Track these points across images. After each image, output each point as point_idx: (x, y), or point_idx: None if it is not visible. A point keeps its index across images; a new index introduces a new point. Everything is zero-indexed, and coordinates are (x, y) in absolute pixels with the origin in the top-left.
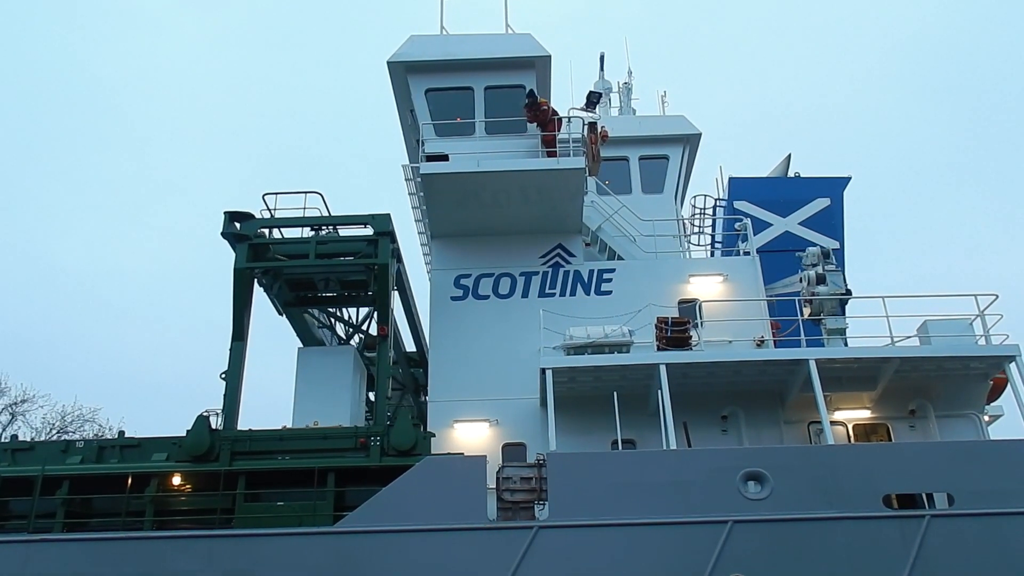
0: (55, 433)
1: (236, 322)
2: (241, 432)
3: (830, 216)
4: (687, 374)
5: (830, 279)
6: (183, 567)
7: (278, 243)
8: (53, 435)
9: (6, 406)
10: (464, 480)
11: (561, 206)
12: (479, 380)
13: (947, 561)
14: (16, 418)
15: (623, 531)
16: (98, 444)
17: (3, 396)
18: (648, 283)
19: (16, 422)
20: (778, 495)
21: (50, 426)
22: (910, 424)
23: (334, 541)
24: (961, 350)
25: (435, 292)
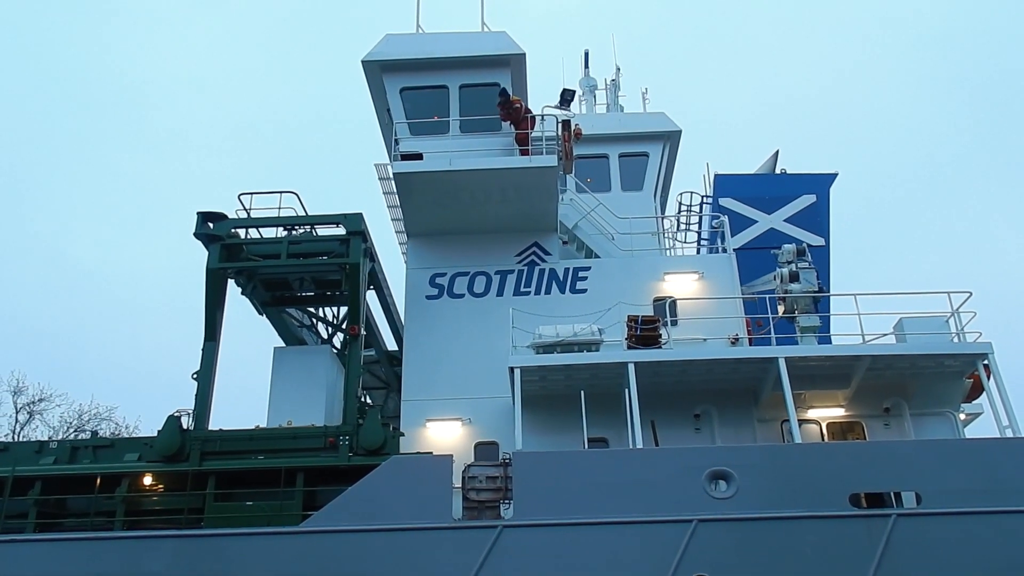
0: (72, 431)
1: (208, 322)
2: (212, 432)
3: (816, 213)
4: (659, 372)
5: (803, 276)
6: (152, 567)
7: (250, 243)
8: (71, 433)
9: (24, 405)
10: (430, 479)
11: (536, 204)
12: (453, 379)
13: (913, 560)
14: (34, 417)
15: (587, 530)
16: (71, 444)
17: (21, 395)
18: (623, 281)
19: (34, 421)
20: (744, 494)
21: (67, 424)
22: (885, 422)
23: (299, 541)
24: (932, 348)
25: (410, 291)
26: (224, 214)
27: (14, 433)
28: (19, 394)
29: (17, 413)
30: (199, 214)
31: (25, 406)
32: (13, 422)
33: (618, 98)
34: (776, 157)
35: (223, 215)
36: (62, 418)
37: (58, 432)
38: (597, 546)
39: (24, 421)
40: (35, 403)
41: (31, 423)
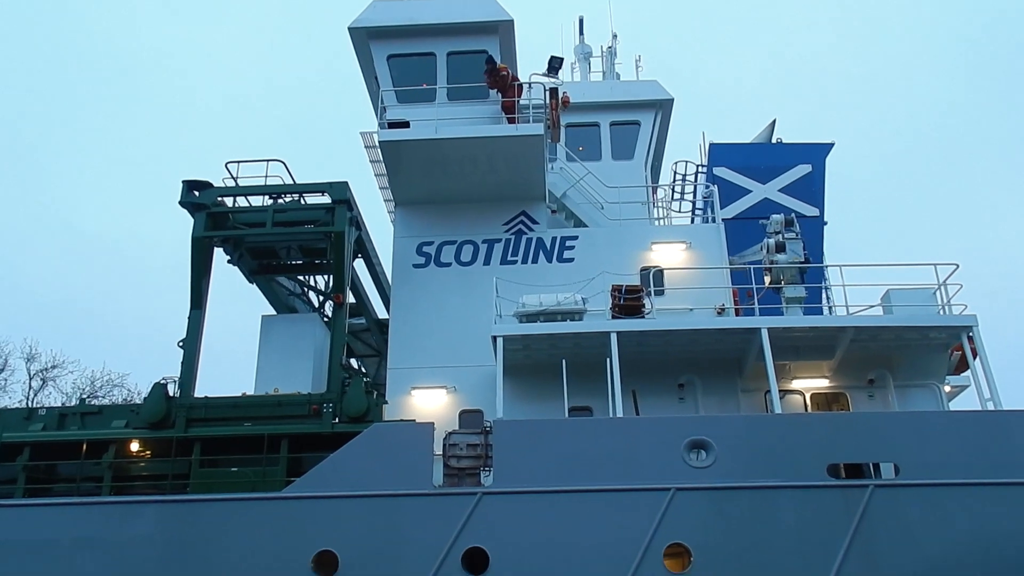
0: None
1: (194, 290)
2: (197, 400)
3: (811, 183)
4: (642, 342)
5: (790, 247)
6: (137, 531)
7: (235, 212)
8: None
9: (37, 372)
10: (411, 447)
11: (523, 173)
12: (439, 347)
13: (889, 530)
14: (47, 383)
15: (565, 498)
16: (59, 411)
17: (34, 362)
18: (611, 251)
19: (47, 387)
20: (722, 463)
21: (80, 391)
22: (869, 394)
23: (280, 506)
24: (916, 320)
25: (397, 259)
26: (209, 182)
27: (28, 399)
28: (32, 361)
29: (31, 380)
30: (184, 182)
31: (38, 373)
32: (27, 388)
33: (614, 66)
34: (773, 126)
35: (208, 183)
36: (75, 385)
37: (71, 398)
38: (575, 513)
39: (38, 388)
40: (48, 370)
41: (44, 389)
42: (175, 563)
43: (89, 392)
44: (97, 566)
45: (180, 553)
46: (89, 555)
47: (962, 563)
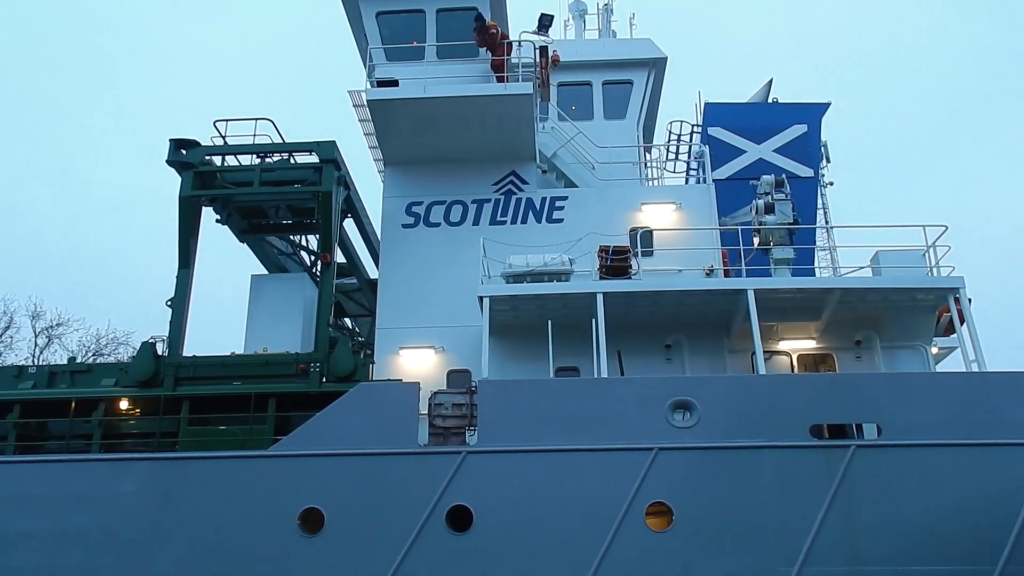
0: (90, 356)
1: (182, 250)
2: (185, 359)
3: (806, 143)
4: (630, 303)
5: (779, 208)
6: (125, 488)
7: (222, 171)
8: (89, 357)
9: (42, 329)
10: (397, 406)
11: (512, 132)
12: (427, 307)
13: (870, 491)
14: (52, 341)
15: (548, 457)
16: (49, 369)
17: (38, 320)
18: (600, 211)
19: (52, 345)
20: (705, 424)
21: (85, 349)
22: (856, 355)
23: (266, 464)
24: (901, 281)
25: (386, 220)
26: (197, 141)
27: (34, 357)
28: (37, 318)
29: (36, 337)
30: (171, 141)
31: (44, 330)
32: (33, 346)
33: (610, 23)
34: (770, 86)
35: (196, 142)
36: (80, 342)
37: (78, 355)
38: (558, 472)
39: (43, 345)
40: (53, 327)
41: (50, 347)
42: (163, 520)
43: (94, 350)
44: (87, 522)
45: (168, 510)
46: (79, 511)
47: (943, 523)
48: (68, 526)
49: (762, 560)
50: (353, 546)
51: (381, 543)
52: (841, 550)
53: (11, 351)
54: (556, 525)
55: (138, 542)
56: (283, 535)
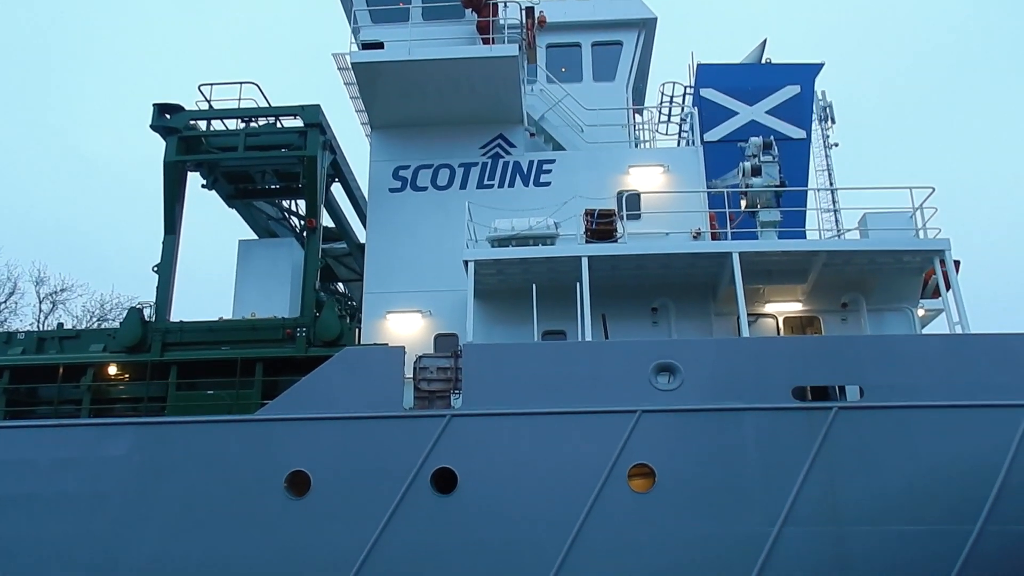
0: (95, 321)
1: (167, 216)
2: (172, 324)
3: (799, 105)
4: (615, 266)
5: (766, 171)
6: (113, 452)
7: (206, 135)
8: (93, 323)
9: (47, 295)
10: (382, 370)
11: (499, 95)
12: (414, 272)
13: (852, 452)
14: (57, 307)
15: (532, 420)
16: (38, 335)
17: (43, 285)
18: (588, 174)
19: (57, 310)
20: (689, 386)
21: (90, 314)
22: (842, 317)
23: (252, 428)
24: (887, 244)
25: (373, 184)
26: (181, 106)
27: (38, 323)
28: (41, 284)
29: (40, 303)
30: (155, 106)
31: (48, 296)
32: (37, 312)
33: None
34: (764, 47)
35: (180, 107)
36: (84, 308)
37: (81, 321)
38: (542, 435)
39: (48, 311)
40: (57, 293)
41: (54, 312)
42: (152, 483)
43: (99, 315)
44: (76, 486)
45: (156, 474)
46: (68, 475)
47: (923, 484)
48: (57, 490)
49: (744, 521)
50: (339, 509)
51: (367, 505)
52: (822, 511)
53: (16, 317)
54: (540, 487)
55: (127, 506)
56: (270, 498)
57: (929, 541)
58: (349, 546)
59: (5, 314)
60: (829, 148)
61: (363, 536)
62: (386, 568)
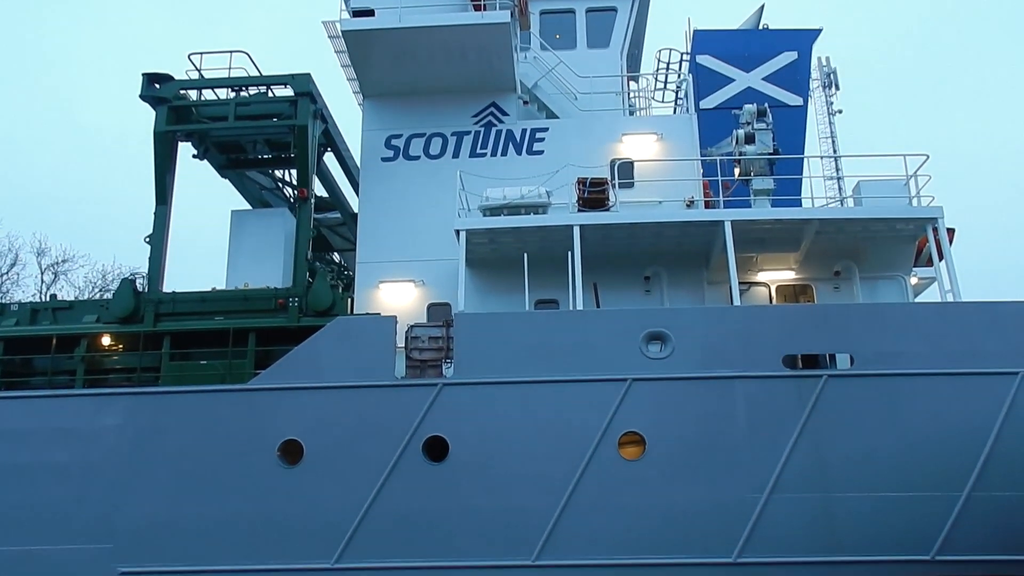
0: (97, 291)
1: (158, 186)
2: (165, 294)
3: (795, 71)
4: (608, 235)
5: (759, 138)
6: (107, 422)
7: (196, 105)
8: (95, 293)
9: (48, 266)
10: (373, 340)
11: (491, 62)
12: (407, 241)
13: (841, 419)
14: (59, 277)
15: (523, 388)
16: (31, 307)
17: (44, 256)
18: (581, 142)
19: (59, 281)
20: (679, 355)
21: (92, 284)
22: (835, 285)
23: (245, 398)
24: (879, 212)
25: (366, 153)
26: (170, 75)
27: (41, 293)
28: (43, 255)
29: (42, 274)
30: (144, 75)
31: (50, 267)
32: (39, 283)
33: None
34: (761, 12)
35: (169, 76)
36: (86, 278)
37: (84, 292)
38: (533, 404)
39: (50, 281)
40: (58, 264)
41: (56, 283)
42: (146, 453)
43: (101, 286)
44: (71, 455)
45: (150, 443)
46: (63, 445)
47: (912, 451)
48: (52, 460)
49: (733, 488)
50: (332, 476)
51: (359, 473)
52: (811, 478)
53: (18, 288)
54: (531, 455)
55: (121, 475)
56: (263, 467)
57: (916, 508)
58: (342, 514)
59: (7, 285)
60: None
61: (356, 504)
62: (378, 535)
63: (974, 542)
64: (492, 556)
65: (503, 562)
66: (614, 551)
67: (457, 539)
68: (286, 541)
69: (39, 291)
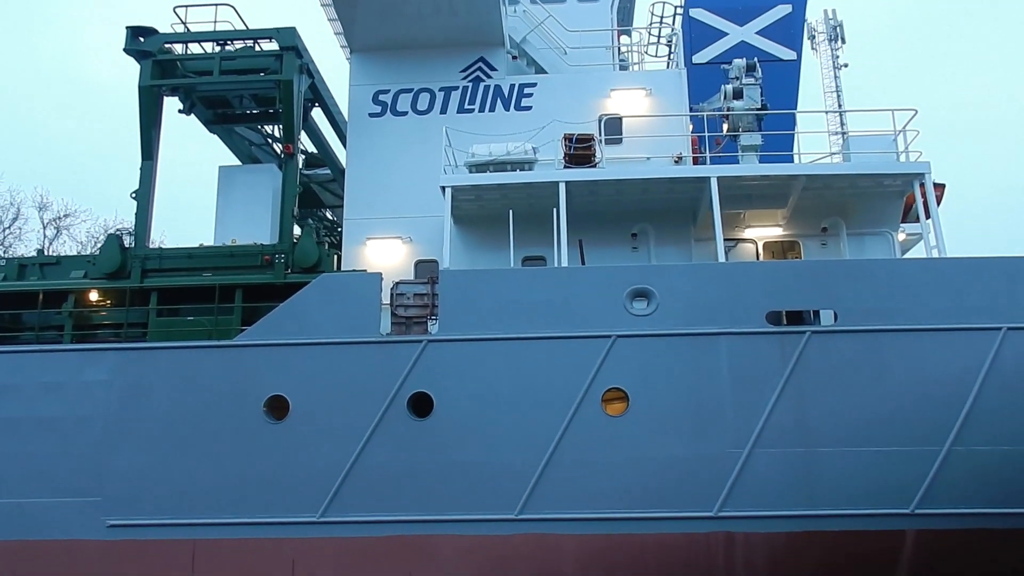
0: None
1: (144, 141)
2: (151, 250)
3: (790, 25)
4: (594, 192)
5: (747, 94)
6: (94, 377)
7: (182, 59)
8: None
9: (50, 220)
10: (358, 296)
11: (479, 15)
12: (395, 198)
13: (824, 375)
14: (61, 232)
15: (507, 345)
16: (19, 262)
17: (46, 211)
18: (569, 98)
19: (61, 236)
20: (663, 311)
21: (94, 240)
22: (822, 242)
23: (233, 354)
24: (865, 167)
25: (353, 109)
26: (155, 28)
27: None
28: (44, 210)
29: (44, 229)
30: (128, 28)
31: (52, 221)
32: (42, 237)
33: None
34: None
35: (154, 29)
36: (88, 233)
37: (86, 247)
38: (517, 360)
39: (52, 237)
40: (60, 219)
41: (59, 238)
42: (133, 408)
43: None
44: (59, 409)
45: (138, 398)
46: (52, 399)
47: (893, 408)
48: (41, 414)
49: (715, 443)
50: (317, 432)
51: (345, 429)
52: (792, 433)
53: (20, 242)
54: (514, 411)
55: (109, 430)
56: (250, 422)
57: (897, 462)
58: (327, 469)
59: (9, 240)
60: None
61: (341, 459)
62: (364, 490)
63: (953, 496)
64: (475, 510)
65: (486, 516)
66: (596, 505)
67: (441, 493)
68: (272, 495)
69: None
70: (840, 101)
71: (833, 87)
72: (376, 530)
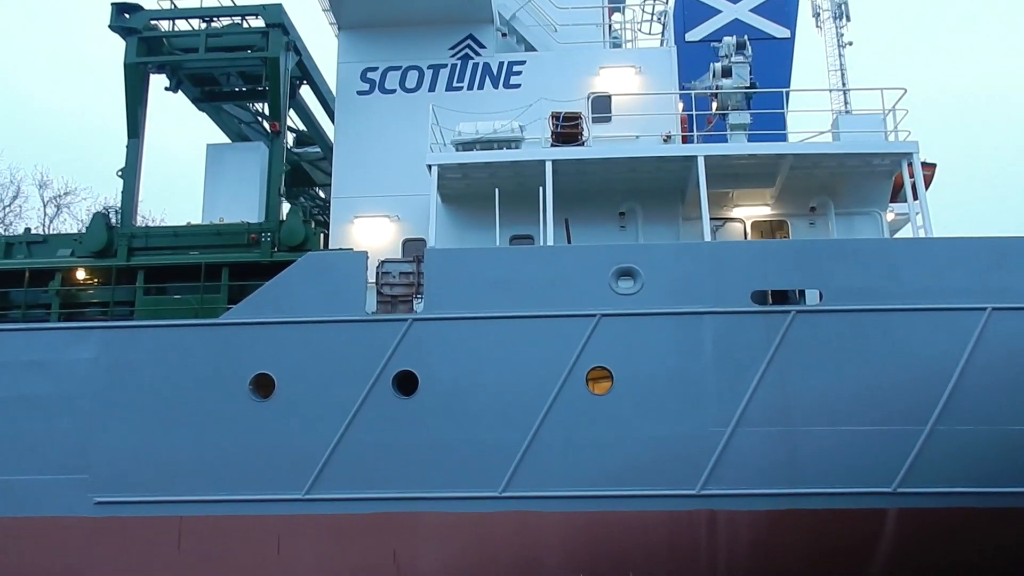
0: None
1: (130, 119)
2: (138, 229)
3: (783, 3)
4: (582, 171)
5: (736, 72)
6: (82, 355)
7: (167, 36)
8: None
9: (50, 198)
10: (344, 275)
11: None
12: (383, 176)
13: (808, 355)
14: (61, 210)
15: (492, 324)
16: (6, 240)
17: (46, 189)
18: (559, 76)
19: (62, 214)
20: (648, 291)
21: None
22: (810, 221)
23: (219, 332)
24: (853, 147)
25: (341, 86)
26: (140, 5)
27: (44, 226)
28: (45, 188)
29: (45, 207)
30: (113, 5)
31: (52, 199)
32: (42, 215)
33: None
34: None
35: (139, 6)
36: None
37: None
38: (502, 339)
39: (53, 214)
40: (61, 197)
41: (60, 216)
42: (120, 386)
43: None
44: (46, 388)
45: (124, 376)
46: (38, 377)
47: (877, 387)
48: (28, 392)
49: (698, 422)
50: (303, 409)
51: (330, 406)
52: (776, 412)
53: (20, 220)
54: (499, 389)
55: (96, 407)
56: (236, 400)
57: (879, 442)
58: (313, 446)
59: (10, 218)
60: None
61: (326, 437)
62: (349, 467)
63: (935, 476)
64: (460, 488)
65: (470, 494)
66: (580, 483)
67: (426, 471)
68: (258, 472)
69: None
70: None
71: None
72: (361, 507)
